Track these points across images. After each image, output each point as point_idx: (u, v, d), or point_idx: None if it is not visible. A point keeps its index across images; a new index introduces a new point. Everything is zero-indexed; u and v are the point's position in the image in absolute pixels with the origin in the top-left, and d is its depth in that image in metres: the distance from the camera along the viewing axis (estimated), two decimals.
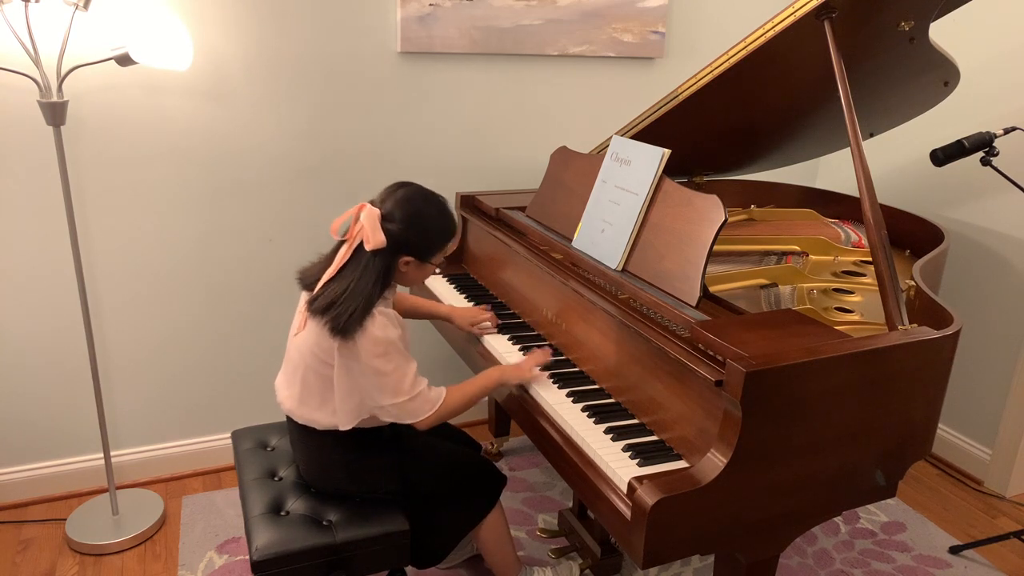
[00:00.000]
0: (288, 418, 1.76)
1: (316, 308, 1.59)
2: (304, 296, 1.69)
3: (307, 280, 1.67)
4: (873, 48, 1.97)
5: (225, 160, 2.37)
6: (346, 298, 1.55)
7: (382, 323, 1.56)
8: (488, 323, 2.03)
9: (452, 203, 2.54)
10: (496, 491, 1.87)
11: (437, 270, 1.78)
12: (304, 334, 1.66)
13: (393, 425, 1.75)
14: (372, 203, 1.62)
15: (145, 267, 2.37)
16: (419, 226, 1.63)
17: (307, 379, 1.67)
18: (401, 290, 1.95)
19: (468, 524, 1.83)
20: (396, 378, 1.59)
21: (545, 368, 1.80)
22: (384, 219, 1.59)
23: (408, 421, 1.66)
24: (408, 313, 2.03)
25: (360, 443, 1.71)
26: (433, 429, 1.97)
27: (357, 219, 1.60)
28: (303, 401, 1.69)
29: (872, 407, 1.45)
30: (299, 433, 1.75)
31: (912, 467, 2.26)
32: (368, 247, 1.57)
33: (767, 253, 2.19)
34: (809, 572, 2.24)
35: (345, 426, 1.65)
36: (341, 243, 1.64)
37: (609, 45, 2.72)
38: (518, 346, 1.94)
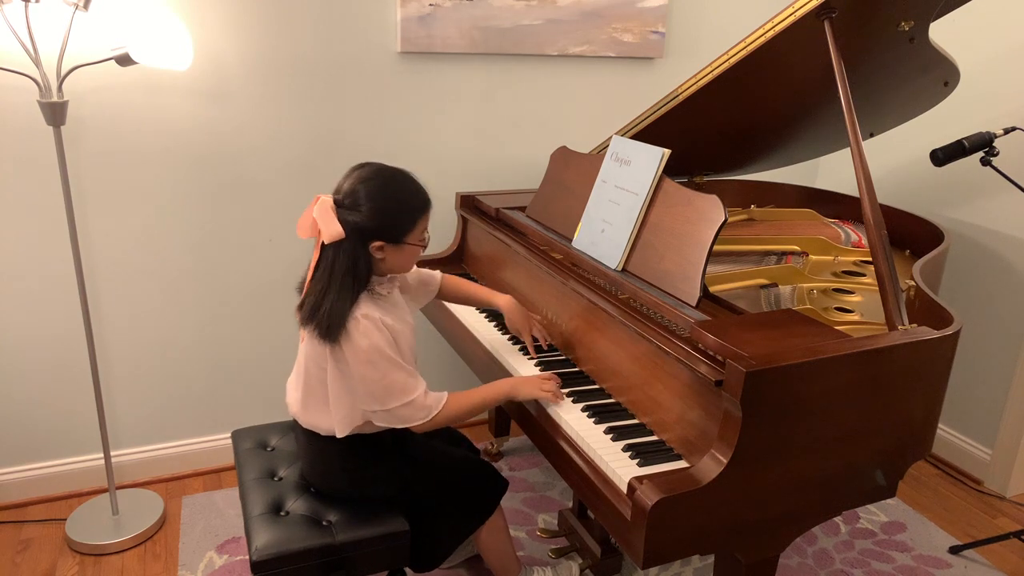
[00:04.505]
0: (295, 420, 1.76)
1: (303, 317, 1.56)
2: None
3: (301, 287, 1.65)
4: (873, 48, 1.97)
5: (225, 160, 2.37)
6: (323, 300, 1.49)
7: (365, 328, 1.50)
8: (538, 338, 1.90)
9: (453, 203, 2.56)
10: (496, 497, 1.84)
11: (423, 252, 1.66)
12: (304, 340, 1.65)
13: (394, 431, 1.71)
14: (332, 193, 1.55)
15: (145, 267, 2.37)
16: (380, 206, 1.51)
17: (309, 383, 1.66)
18: (422, 280, 1.89)
19: (467, 529, 1.82)
20: (384, 384, 1.54)
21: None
22: (341, 207, 1.51)
23: (400, 426, 1.61)
24: (455, 298, 1.92)
25: (363, 450, 1.69)
26: (434, 433, 1.95)
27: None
28: (306, 405, 1.68)
29: (872, 407, 1.45)
30: (304, 437, 1.74)
31: (912, 467, 2.26)
32: (325, 241, 1.48)
33: (767, 253, 2.19)
34: (809, 572, 2.24)
35: (341, 434, 1.62)
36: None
37: (609, 45, 2.72)
38: (534, 361, 1.86)
